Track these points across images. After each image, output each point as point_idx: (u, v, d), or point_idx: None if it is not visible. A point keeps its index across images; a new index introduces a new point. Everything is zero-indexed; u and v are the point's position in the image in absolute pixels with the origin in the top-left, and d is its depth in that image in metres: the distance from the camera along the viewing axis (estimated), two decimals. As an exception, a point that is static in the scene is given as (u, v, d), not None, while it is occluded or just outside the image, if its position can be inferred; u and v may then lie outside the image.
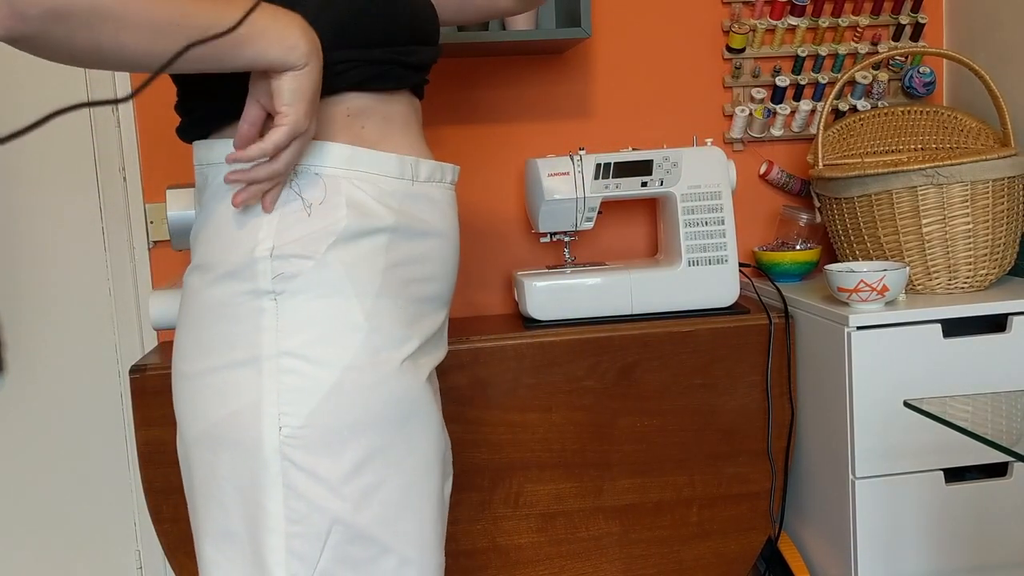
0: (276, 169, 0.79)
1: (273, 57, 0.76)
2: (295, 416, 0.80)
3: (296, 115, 0.77)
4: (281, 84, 0.77)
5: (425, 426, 0.88)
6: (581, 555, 1.52)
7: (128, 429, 1.73)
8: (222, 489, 0.83)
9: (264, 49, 0.75)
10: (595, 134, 1.81)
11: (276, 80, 0.77)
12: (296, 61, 0.77)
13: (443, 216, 0.93)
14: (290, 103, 0.77)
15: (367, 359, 0.82)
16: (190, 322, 0.85)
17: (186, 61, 0.74)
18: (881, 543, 1.41)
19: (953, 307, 1.39)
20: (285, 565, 0.81)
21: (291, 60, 0.76)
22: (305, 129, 0.79)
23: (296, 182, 0.82)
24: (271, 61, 0.76)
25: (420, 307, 0.90)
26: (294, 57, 0.76)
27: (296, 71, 0.77)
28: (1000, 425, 0.95)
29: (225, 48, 0.74)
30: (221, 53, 0.74)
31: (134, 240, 1.70)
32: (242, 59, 0.75)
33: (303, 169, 0.83)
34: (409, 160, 0.89)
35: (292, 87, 0.77)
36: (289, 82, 0.77)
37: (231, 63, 0.75)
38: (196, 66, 0.75)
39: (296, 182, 0.82)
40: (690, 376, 1.50)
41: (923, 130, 1.73)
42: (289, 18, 0.77)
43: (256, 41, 0.75)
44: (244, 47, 0.74)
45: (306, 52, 0.77)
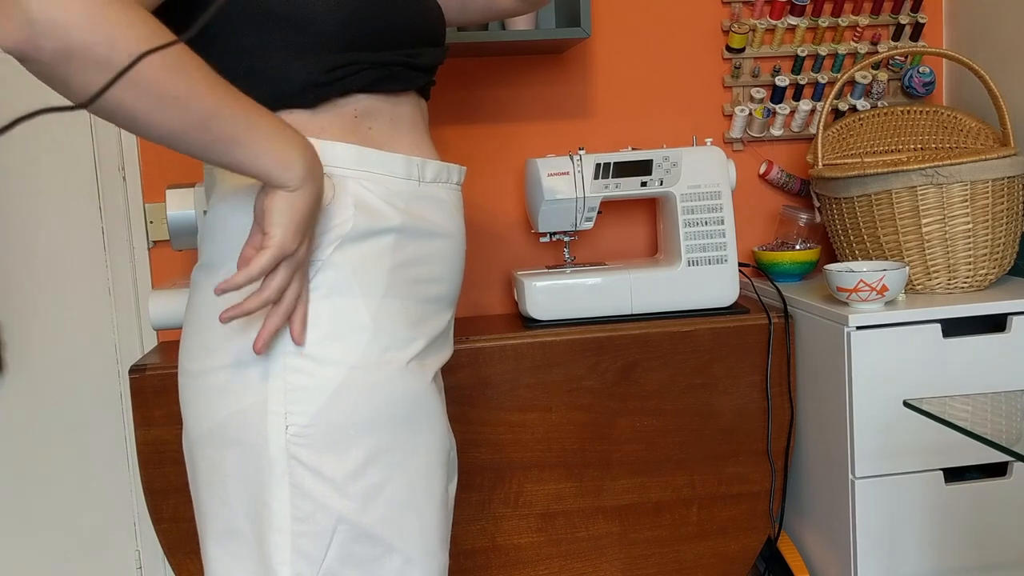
0: (266, 297, 0.76)
1: (263, 166, 0.73)
2: (301, 415, 0.80)
3: (282, 237, 0.75)
4: (270, 203, 0.75)
5: (430, 426, 0.88)
6: (581, 555, 1.52)
7: (128, 429, 1.73)
8: (227, 487, 0.83)
9: (257, 154, 0.73)
10: (595, 134, 1.81)
11: (268, 198, 0.75)
12: (288, 181, 0.74)
13: (449, 217, 0.93)
14: (277, 224, 0.74)
15: (373, 359, 0.82)
16: (197, 321, 0.85)
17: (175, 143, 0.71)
18: (881, 543, 1.41)
19: (953, 307, 1.39)
20: (291, 564, 0.81)
21: (283, 178, 0.74)
22: (293, 251, 0.76)
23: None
24: (261, 170, 0.74)
25: (426, 307, 0.90)
26: (287, 176, 0.74)
27: (287, 191, 0.75)
28: (1000, 425, 0.95)
29: (216, 141, 0.71)
30: (213, 143, 0.71)
31: (134, 240, 1.70)
32: (232, 156, 0.72)
33: None
34: (416, 161, 0.89)
35: (280, 207, 0.75)
36: (279, 201, 0.75)
37: (221, 159, 0.73)
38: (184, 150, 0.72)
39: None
40: (690, 376, 1.50)
41: (923, 130, 1.73)
42: (293, 136, 0.75)
43: (252, 143, 0.72)
44: (236, 146, 0.72)
45: (301, 176, 0.75)
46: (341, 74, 0.83)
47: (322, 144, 0.83)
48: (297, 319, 0.80)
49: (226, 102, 0.71)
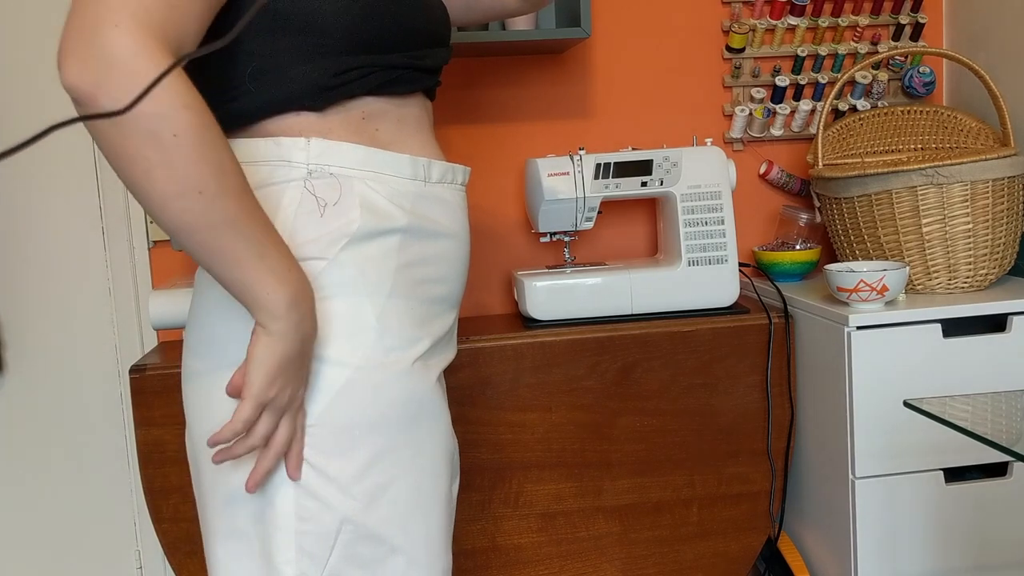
0: (252, 444, 0.76)
1: (252, 297, 0.73)
2: (307, 415, 0.80)
3: (259, 387, 0.74)
4: (252, 348, 0.74)
5: (435, 427, 0.88)
6: (581, 555, 1.52)
7: (128, 429, 1.73)
8: (231, 487, 0.83)
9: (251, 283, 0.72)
10: (595, 134, 1.81)
11: (252, 340, 0.75)
12: (265, 322, 0.74)
13: (454, 217, 0.93)
14: (253, 372, 0.74)
15: (378, 359, 0.82)
16: (202, 319, 0.85)
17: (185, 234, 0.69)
18: (881, 543, 1.41)
19: (953, 307, 1.39)
20: (295, 563, 0.81)
21: (261, 317, 0.74)
22: (272, 398, 0.75)
23: (310, 182, 0.82)
24: (249, 299, 0.73)
25: (431, 308, 0.90)
26: (265, 317, 0.73)
27: (267, 335, 0.74)
28: (1000, 425, 0.95)
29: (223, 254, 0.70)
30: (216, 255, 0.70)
31: (134, 240, 1.70)
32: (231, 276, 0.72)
33: (318, 169, 0.83)
34: (422, 161, 0.89)
35: (260, 355, 0.74)
36: (259, 348, 0.74)
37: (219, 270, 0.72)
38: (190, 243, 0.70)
39: (310, 182, 0.82)
40: (690, 376, 1.50)
41: (923, 130, 1.73)
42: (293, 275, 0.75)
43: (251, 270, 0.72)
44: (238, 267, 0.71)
45: (282, 327, 0.74)
46: (348, 77, 0.83)
47: (329, 144, 0.83)
48: (292, 457, 0.79)
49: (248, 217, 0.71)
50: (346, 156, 0.84)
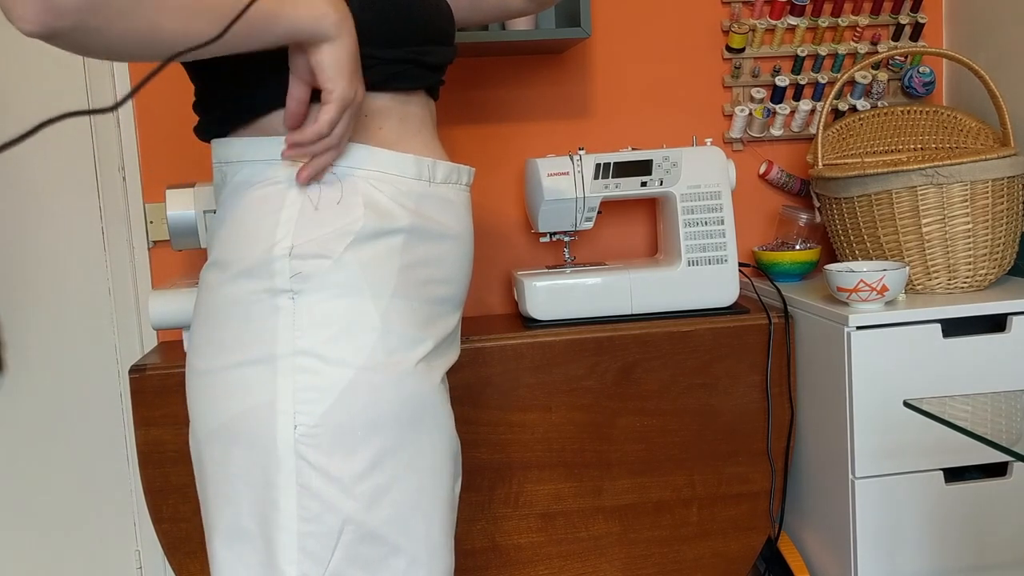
0: (330, 143, 0.80)
1: (304, 28, 0.76)
2: (310, 415, 0.80)
3: (342, 88, 0.78)
4: (321, 59, 0.77)
5: (438, 428, 0.88)
6: (581, 555, 1.52)
7: (128, 429, 1.73)
8: (234, 486, 0.83)
9: (295, 21, 0.75)
10: (595, 134, 1.81)
11: (315, 56, 0.77)
12: (328, 30, 0.77)
13: (458, 218, 0.93)
14: (334, 76, 0.78)
15: (382, 359, 0.82)
16: (205, 319, 0.85)
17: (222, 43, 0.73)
18: (881, 543, 1.41)
19: (953, 307, 1.39)
20: (297, 564, 0.81)
21: (322, 29, 0.76)
22: (352, 98, 0.79)
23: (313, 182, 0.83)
24: (303, 32, 0.76)
25: (435, 308, 0.90)
26: (325, 25, 0.77)
27: (331, 42, 0.77)
28: (1000, 425, 0.95)
29: (257, 24, 0.74)
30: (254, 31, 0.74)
31: (134, 240, 1.70)
32: (275, 34, 0.75)
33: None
34: (427, 161, 0.89)
35: (331, 60, 0.77)
36: (327, 55, 0.77)
37: (265, 39, 0.75)
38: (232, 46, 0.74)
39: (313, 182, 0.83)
40: (690, 376, 1.50)
41: (923, 130, 1.73)
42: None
43: (286, 14, 0.75)
44: (276, 21, 0.74)
45: (336, 21, 0.77)
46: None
47: None
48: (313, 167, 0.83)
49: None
50: (350, 155, 0.84)
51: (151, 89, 1.67)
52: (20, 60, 1.64)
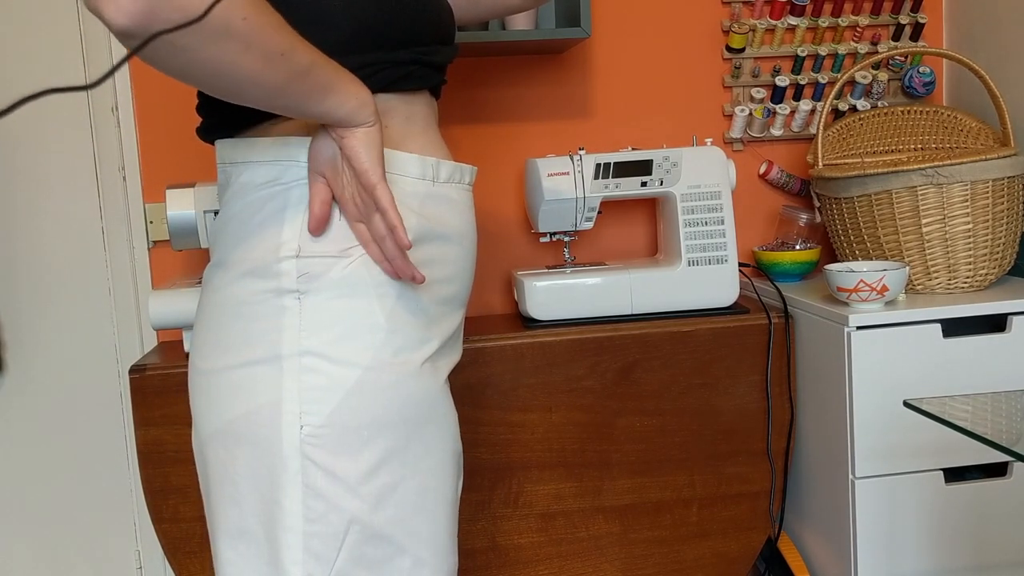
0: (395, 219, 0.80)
1: (348, 110, 0.77)
2: (316, 415, 0.80)
3: (380, 169, 0.79)
4: (357, 144, 0.79)
5: (442, 428, 0.88)
6: (581, 555, 1.52)
7: (128, 429, 1.73)
8: (238, 487, 0.83)
9: (345, 98, 0.77)
10: (595, 134, 1.81)
11: (351, 140, 0.78)
12: (368, 117, 0.78)
13: (462, 217, 0.93)
14: (372, 159, 0.79)
15: (387, 360, 0.82)
16: (209, 319, 0.85)
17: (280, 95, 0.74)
18: (881, 543, 1.41)
19: (953, 307, 1.39)
20: (302, 564, 0.81)
21: (364, 115, 0.78)
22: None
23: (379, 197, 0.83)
24: (347, 113, 0.77)
25: (439, 308, 0.90)
26: (366, 113, 0.78)
27: (368, 127, 0.79)
28: (1000, 425, 0.95)
29: (314, 91, 0.74)
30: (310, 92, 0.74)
31: (134, 240, 1.70)
32: (323, 106, 0.76)
33: None
34: (430, 161, 0.89)
35: (366, 144, 0.79)
36: (362, 139, 0.79)
37: (312, 108, 0.76)
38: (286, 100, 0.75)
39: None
40: (690, 376, 1.50)
41: (923, 130, 1.73)
42: (351, 75, 0.79)
43: (341, 89, 0.76)
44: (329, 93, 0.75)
45: (375, 110, 0.79)
46: (358, 76, 0.83)
47: None
48: None
49: (317, 53, 0.75)
50: None
51: (151, 89, 1.67)
52: (19, 61, 1.64)
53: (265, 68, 0.70)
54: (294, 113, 0.77)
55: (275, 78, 0.71)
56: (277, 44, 0.70)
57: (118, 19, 0.61)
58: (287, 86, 0.73)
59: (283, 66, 0.71)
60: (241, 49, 0.68)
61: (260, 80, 0.71)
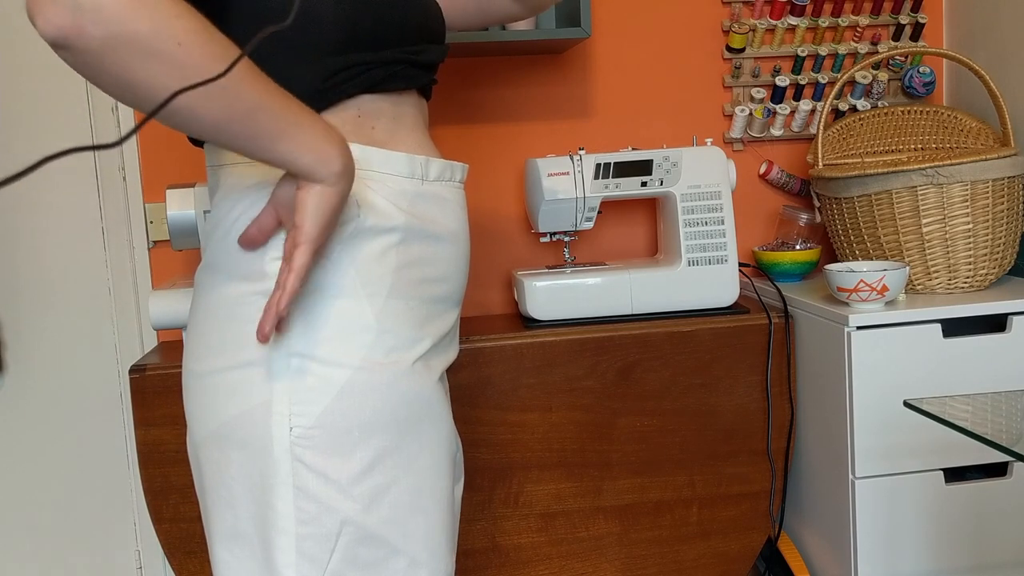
0: (294, 288, 0.77)
1: (304, 161, 0.73)
2: (306, 416, 0.80)
3: (316, 233, 0.75)
4: (307, 199, 0.75)
5: (436, 427, 0.88)
6: (581, 555, 1.52)
7: (128, 429, 1.73)
8: (231, 489, 0.82)
9: (298, 149, 0.73)
10: (595, 134, 1.81)
11: (303, 192, 0.75)
12: (327, 176, 0.74)
13: (453, 215, 0.93)
14: (312, 220, 0.75)
15: (378, 359, 0.82)
16: (200, 321, 0.85)
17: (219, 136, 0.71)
18: (881, 543, 1.41)
19: (953, 307, 1.39)
20: (295, 566, 0.81)
21: (322, 173, 0.74)
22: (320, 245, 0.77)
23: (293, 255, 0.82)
24: (301, 166, 0.74)
25: (432, 307, 0.90)
26: (325, 171, 0.74)
27: (324, 186, 0.75)
28: (1000, 425, 0.95)
29: (261, 132, 0.71)
30: (256, 136, 0.71)
31: (134, 240, 1.70)
32: (273, 151, 0.73)
33: None
34: (419, 159, 0.88)
35: (315, 202, 0.75)
36: (313, 196, 0.75)
37: (261, 150, 0.73)
38: (226, 143, 0.72)
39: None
40: (690, 376, 1.50)
41: (923, 130, 1.73)
42: (333, 132, 0.76)
43: (293, 138, 0.73)
44: (281, 139, 0.72)
45: (338, 171, 0.75)
46: (344, 77, 0.83)
47: None
48: None
49: (272, 96, 0.71)
50: None
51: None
52: (23, 74, 1.64)
53: (201, 99, 0.67)
54: (249, 156, 0.74)
55: (212, 112, 0.68)
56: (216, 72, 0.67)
57: (46, 30, 0.62)
58: (226, 125, 0.69)
59: (222, 100, 0.68)
60: (171, 75, 0.65)
61: (196, 111, 0.68)
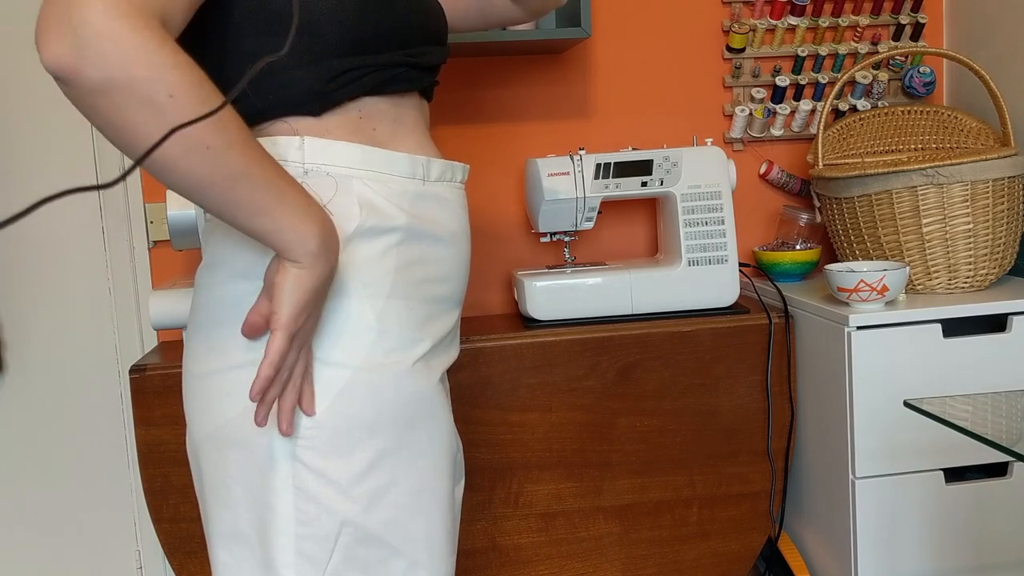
0: (283, 379, 0.77)
1: (280, 238, 0.73)
2: (306, 416, 0.80)
3: (288, 317, 0.74)
4: (281, 281, 0.74)
5: (436, 428, 0.87)
6: (581, 555, 1.52)
7: (128, 429, 1.73)
8: (231, 490, 0.82)
9: (277, 227, 0.72)
10: (595, 134, 1.81)
11: (278, 275, 0.75)
12: (299, 256, 0.74)
13: (454, 216, 0.93)
14: (284, 303, 0.74)
15: (378, 360, 0.82)
16: (201, 321, 0.85)
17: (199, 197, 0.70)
18: (881, 543, 1.41)
19: (953, 307, 1.39)
20: (295, 567, 0.80)
21: (295, 253, 0.73)
22: (299, 328, 0.76)
23: (306, 182, 0.81)
24: (276, 242, 0.73)
25: (432, 308, 0.90)
26: (299, 251, 0.73)
27: (297, 268, 0.74)
28: (1000, 425, 0.95)
29: (240, 204, 0.70)
30: (236, 204, 0.70)
31: (134, 240, 1.70)
32: (252, 224, 0.72)
33: (314, 169, 0.82)
34: (421, 160, 0.88)
35: (289, 285, 0.74)
36: (288, 279, 0.74)
37: (241, 219, 0.72)
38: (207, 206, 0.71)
39: (306, 182, 0.81)
40: (690, 376, 1.50)
41: (923, 130, 1.73)
42: (317, 211, 0.75)
43: (271, 213, 0.72)
44: (260, 215, 0.71)
45: (313, 251, 0.74)
46: (345, 80, 0.83)
47: (325, 143, 0.82)
48: (306, 392, 0.80)
49: (259, 165, 0.71)
50: (343, 155, 0.83)
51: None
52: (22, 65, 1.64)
53: (183, 155, 0.67)
54: (228, 223, 0.73)
55: (192, 170, 0.67)
56: (203, 135, 0.67)
57: (48, 61, 0.63)
58: (208, 185, 0.69)
59: (205, 161, 0.67)
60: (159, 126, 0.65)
61: (176, 167, 0.67)
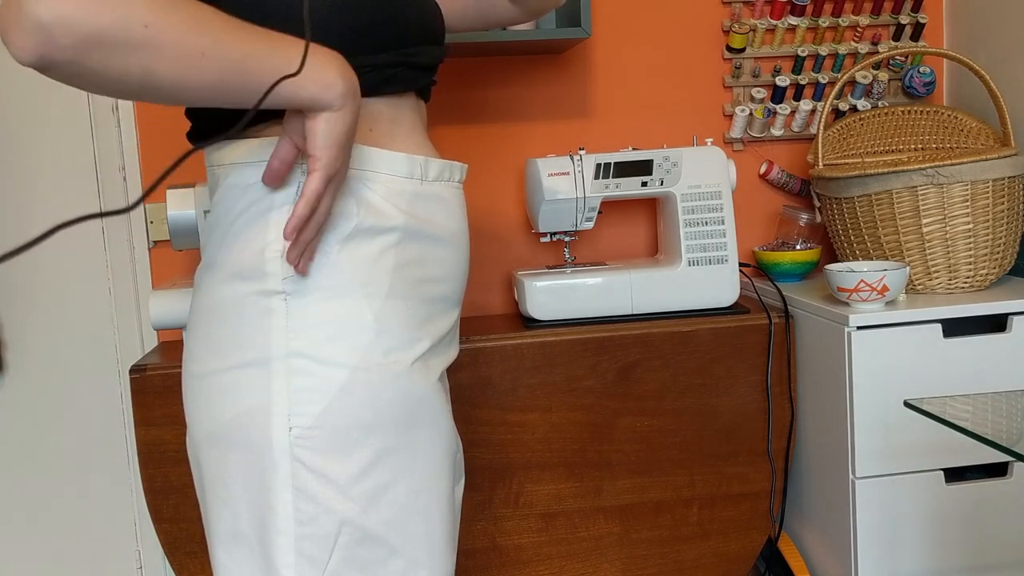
0: (320, 220, 0.78)
1: (308, 95, 0.74)
2: (305, 416, 0.80)
3: (329, 159, 0.76)
4: (316, 126, 0.75)
5: (435, 428, 0.87)
6: (581, 555, 1.52)
7: (128, 429, 1.73)
8: (231, 490, 0.82)
9: (300, 86, 0.73)
10: (595, 134, 1.81)
11: (311, 121, 0.75)
12: (332, 101, 0.75)
13: (453, 215, 0.93)
14: (324, 146, 0.75)
15: (377, 360, 0.82)
16: (200, 321, 0.85)
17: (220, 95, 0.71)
18: (881, 543, 1.41)
19: (953, 307, 1.39)
20: (295, 567, 0.81)
21: (327, 99, 0.74)
22: (337, 171, 0.77)
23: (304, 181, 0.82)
24: (305, 99, 0.74)
25: (431, 308, 0.90)
26: (330, 96, 0.74)
27: (331, 112, 0.75)
28: (1000, 425, 0.95)
29: (261, 84, 0.72)
30: (252, 85, 0.72)
31: (134, 240, 1.70)
32: (277, 96, 0.73)
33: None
34: (419, 159, 0.88)
35: (326, 129, 0.75)
36: (324, 124, 0.75)
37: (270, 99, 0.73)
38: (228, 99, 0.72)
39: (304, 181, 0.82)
40: (690, 376, 1.50)
41: (923, 130, 1.73)
42: (328, 55, 0.75)
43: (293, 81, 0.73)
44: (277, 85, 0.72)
45: (342, 93, 0.75)
46: None
47: None
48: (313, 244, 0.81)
49: (255, 43, 0.72)
50: None
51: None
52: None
53: (187, 71, 0.68)
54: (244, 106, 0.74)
55: (203, 79, 0.69)
56: (194, 45, 0.68)
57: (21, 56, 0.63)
58: (222, 84, 0.70)
59: (208, 65, 0.69)
60: (151, 58, 0.66)
61: (187, 84, 0.69)
